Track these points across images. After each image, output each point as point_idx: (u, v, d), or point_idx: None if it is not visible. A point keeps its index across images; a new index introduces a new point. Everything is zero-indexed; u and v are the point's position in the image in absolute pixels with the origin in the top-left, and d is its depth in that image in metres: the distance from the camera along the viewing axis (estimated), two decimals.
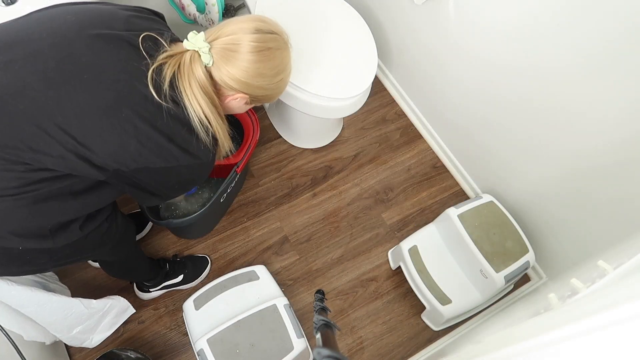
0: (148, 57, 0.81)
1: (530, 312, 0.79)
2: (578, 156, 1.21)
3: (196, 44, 0.83)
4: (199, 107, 0.83)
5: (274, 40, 0.89)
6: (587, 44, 1.05)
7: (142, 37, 0.82)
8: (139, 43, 0.81)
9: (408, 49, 1.71)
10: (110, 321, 1.23)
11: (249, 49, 0.84)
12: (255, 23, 0.88)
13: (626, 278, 0.46)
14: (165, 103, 0.80)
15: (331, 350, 0.57)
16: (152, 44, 0.84)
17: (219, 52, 0.84)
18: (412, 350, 1.47)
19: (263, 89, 0.91)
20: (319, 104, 1.39)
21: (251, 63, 0.85)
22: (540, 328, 0.40)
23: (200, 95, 0.83)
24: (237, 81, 0.86)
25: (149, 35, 0.83)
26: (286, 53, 0.93)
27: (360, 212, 1.67)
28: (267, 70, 0.88)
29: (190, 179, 0.94)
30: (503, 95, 1.36)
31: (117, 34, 0.81)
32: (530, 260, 1.38)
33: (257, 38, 0.85)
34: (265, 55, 0.86)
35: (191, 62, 0.83)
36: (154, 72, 0.80)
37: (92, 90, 0.76)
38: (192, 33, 0.84)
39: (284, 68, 0.94)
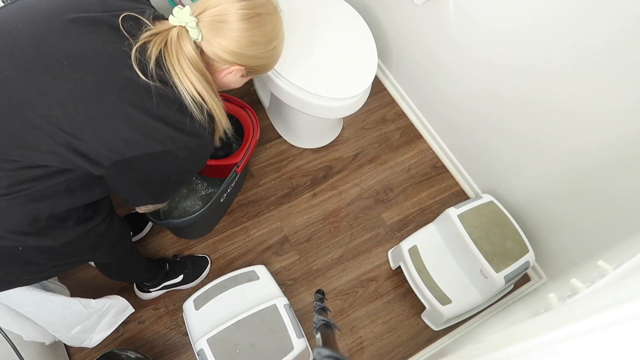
0: (130, 37, 0.77)
1: (530, 312, 0.79)
2: (578, 155, 1.21)
3: (182, 19, 0.79)
4: (190, 84, 0.79)
5: (262, 5, 0.85)
6: (587, 43, 1.05)
7: (122, 17, 0.78)
8: (118, 24, 0.78)
9: (408, 49, 1.71)
10: (110, 320, 1.23)
11: (238, 17, 0.81)
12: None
13: (626, 278, 0.46)
14: (152, 82, 0.76)
15: (331, 350, 0.57)
16: (134, 24, 0.80)
17: (207, 25, 0.81)
18: (412, 350, 1.47)
19: (258, 58, 0.87)
20: (318, 104, 1.39)
21: (242, 32, 0.82)
22: (540, 328, 0.40)
23: (191, 72, 0.80)
24: (230, 53, 0.83)
25: (129, 15, 0.80)
26: (277, 18, 0.89)
27: (360, 212, 1.67)
28: (260, 38, 0.85)
29: (189, 165, 0.90)
30: (503, 95, 1.36)
31: (94, 16, 0.78)
32: (530, 260, 1.38)
33: (245, 5, 0.81)
34: (256, 22, 0.83)
35: (179, 39, 0.79)
36: (137, 52, 0.76)
37: (72, 76, 0.74)
38: (178, 8, 0.81)
39: (277, 34, 0.90)
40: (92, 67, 0.74)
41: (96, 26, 0.77)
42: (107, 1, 0.82)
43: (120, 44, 0.77)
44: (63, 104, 0.73)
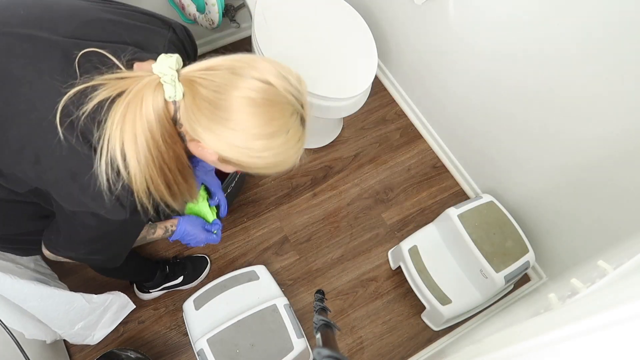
0: (80, 75, 0.65)
1: (530, 312, 0.79)
2: (578, 155, 1.21)
3: (160, 69, 0.63)
4: (118, 145, 0.63)
5: (267, 93, 0.65)
6: (587, 42, 1.05)
7: (85, 52, 0.67)
8: (75, 57, 0.66)
9: (408, 49, 1.71)
10: (112, 317, 1.23)
11: (231, 95, 0.63)
12: (253, 69, 0.65)
13: (626, 278, 0.46)
14: (68, 135, 0.65)
15: (331, 350, 0.57)
16: (98, 62, 0.67)
17: (190, 87, 0.64)
18: (412, 350, 1.47)
19: (236, 152, 0.67)
20: (318, 104, 1.39)
21: (226, 112, 0.63)
22: (540, 328, 0.40)
23: (132, 132, 0.63)
24: (203, 131, 0.65)
25: (96, 52, 0.67)
26: (279, 115, 0.65)
27: (360, 212, 1.67)
28: (243, 128, 0.64)
29: (109, 236, 0.77)
30: (503, 95, 1.36)
31: (54, 39, 0.68)
32: (530, 260, 1.38)
33: (248, 85, 0.64)
34: (246, 107, 0.63)
35: (144, 89, 0.63)
36: (76, 94, 0.64)
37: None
38: (164, 55, 0.65)
39: (272, 135, 0.66)
40: (9, 97, 0.67)
41: (48, 52, 0.68)
42: (91, 24, 0.72)
43: (61, 79, 0.66)
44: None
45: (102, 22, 0.74)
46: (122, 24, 0.75)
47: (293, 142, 0.69)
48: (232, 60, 0.66)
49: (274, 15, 1.48)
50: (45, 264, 1.34)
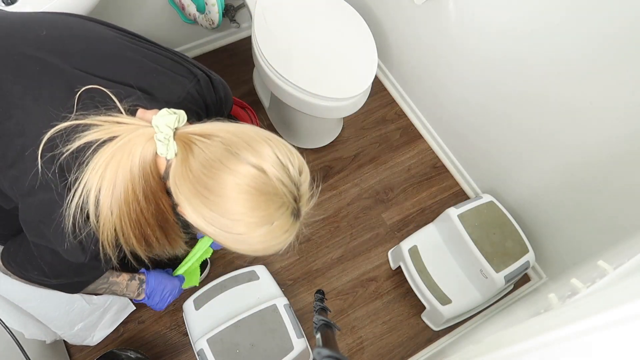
0: (77, 110, 0.62)
1: (530, 312, 0.79)
2: (578, 155, 1.21)
3: (157, 124, 0.59)
4: (95, 190, 0.59)
5: (257, 181, 0.59)
6: (588, 41, 1.05)
7: (87, 88, 0.63)
8: (78, 91, 0.63)
9: (408, 49, 1.71)
10: (111, 318, 1.23)
11: (218, 175, 0.58)
12: (252, 152, 0.59)
13: (626, 278, 0.46)
14: (42, 164, 0.61)
15: (331, 351, 0.57)
16: (99, 101, 0.63)
17: (183, 149, 0.59)
18: (412, 350, 1.47)
19: (212, 229, 0.62)
20: (318, 104, 1.39)
21: (207, 190, 0.58)
22: (540, 328, 0.40)
23: (112, 178, 0.59)
24: (180, 198, 0.60)
25: (100, 90, 0.64)
26: (265, 206, 0.60)
27: (360, 212, 1.67)
28: (222, 212, 0.59)
29: (55, 269, 0.73)
30: (503, 95, 1.36)
31: (63, 68, 0.65)
32: (530, 260, 1.38)
33: (239, 170, 0.58)
34: (231, 192, 0.58)
35: (137, 138, 0.59)
36: (66, 129, 0.60)
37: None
38: (167, 110, 0.61)
39: (254, 225, 0.60)
40: (3, 114, 0.65)
41: (53, 81, 0.65)
42: (106, 58, 0.68)
43: (57, 109, 0.62)
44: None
45: (119, 60, 0.70)
46: (141, 66, 0.72)
47: (278, 233, 0.62)
48: (234, 134, 0.60)
49: (274, 15, 1.48)
50: None
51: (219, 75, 0.89)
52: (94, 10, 1.19)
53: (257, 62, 1.47)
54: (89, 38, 0.71)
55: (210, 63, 1.93)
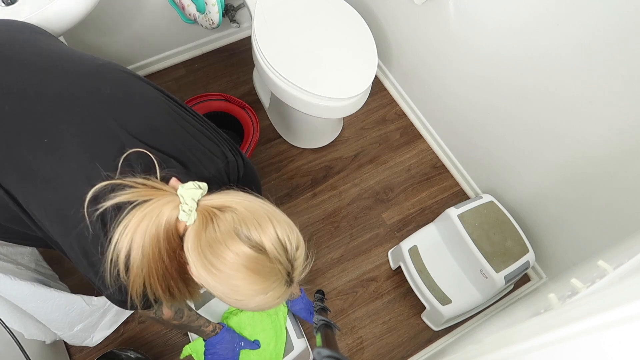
0: (120, 169, 0.69)
1: (530, 312, 0.79)
2: (578, 154, 1.21)
3: (183, 196, 0.67)
4: (125, 247, 0.65)
5: (257, 262, 0.66)
6: (589, 39, 1.05)
7: (137, 152, 0.71)
8: (124, 152, 0.70)
9: (408, 49, 1.71)
10: (111, 319, 1.23)
11: (224, 253, 0.65)
12: (256, 231, 0.66)
13: (626, 279, 0.46)
14: (89, 219, 0.67)
15: (331, 350, 0.57)
16: (140, 164, 0.71)
17: (202, 220, 0.66)
18: (412, 350, 1.47)
19: (212, 288, 0.69)
20: (318, 104, 1.39)
21: (210, 265, 0.66)
22: (540, 328, 0.40)
23: (141, 238, 0.65)
24: (191, 262, 0.67)
25: (148, 156, 0.71)
26: (261, 280, 0.67)
27: (360, 212, 1.67)
28: (222, 283, 0.67)
29: None
30: (503, 94, 1.36)
31: (120, 132, 0.73)
32: (530, 260, 1.38)
33: (241, 251, 0.65)
34: (233, 270, 0.65)
35: (164, 204, 0.66)
36: (107, 186, 0.67)
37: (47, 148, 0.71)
38: (193, 184, 0.69)
39: (251, 294, 0.68)
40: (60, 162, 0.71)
41: (106, 141, 0.72)
42: (157, 129, 0.76)
43: (103, 165, 0.69)
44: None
45: (168, 132, 0.77)
46: (184, 141, 0.79)
47: (271, 299, 0.70)
48: (246, 208, 0.68)
49: (274, 15, 1.48)
50: (46, 264, 1.34)
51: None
52: (95, 10, 1.19)
53: (257, 61, 1.47)
54: (144, 106, 0.79)
55: (210, 63, 1.93)
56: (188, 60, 1.93)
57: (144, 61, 1.85)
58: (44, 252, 1.40)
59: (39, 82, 0.75)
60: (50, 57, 0.80)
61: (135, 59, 1.83)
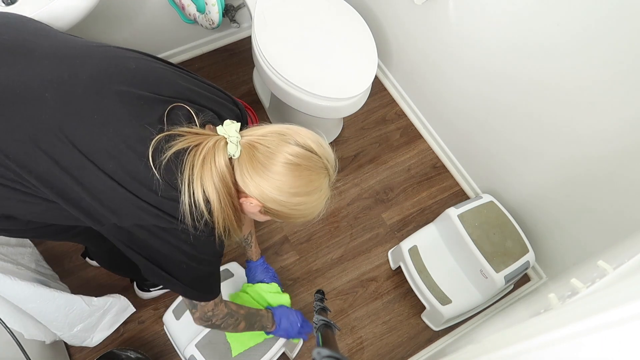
0: (168, 124, 0.77)
1: (530, 312, 0.79)
2: (578, 155, 1.21)
3: (227, 132, 0.77)
4: (200, 190, 0.75)
5: (310, 159, 0.78)
6: (588, 41, 1.05)
7: (176, 105, 0.79)
8: (167, 108, 0.79)
9: (408, 49, 1.71)
10: (111, 320, 1.22)
11: (280, 159, 0.75)
12: (299, 136, 0.78)
13: (626, 279, 0.46)
14: (155, 171, 0.74)
15: (331, 351, 0.57)
16: (182, 116, 0.80)
17: (247, 148, 0.76)
18: (412, 350, 1.47)
19: (278, 204, 0.79)
20: (318, 104, 1.39)
21: (276, 174, 0.76)
22: (540, 328, 0.40)
23: (210, 180, 0.75)
24: (253, 185, 0.77)
25: (183, 107, 0.80)
26: (316, 177, 0.79)
27: (360, 212, 1.67)
28: (288, 187, 0.77)
29: (195, 254, 0.85)
30: (503, 94, 1.36)
31: (159, 98, 0.80)
32: (530, 260, 1.38)
33: (295, 152, 0.76)
34: (292, 171, 0.76)
35: (215, 147, 0.76)
36: (162, 139, 0.75)
37: (93, 127, 0.76)
38: (229, 120, 0.79)
39: (308, 192, 0.79)
40: (113, 129, 0.76)
41: (151, 108, 0.79)
42: (185, 90, 0.83)
43: (151, 124, 0.76)
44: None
45: (192, 91, 0.85)
46: (207, 96, 0.88)
47: (324, 197, 0.82)
48: (281, 127, 0.79)
49: (274, 15, 1.48)
50: (46, 264, 1.34)
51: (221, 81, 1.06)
52: (96, 9, 1.20)
53: (257, 62, 1.47)
54: (167, 75, 0.85)
55: (210, 63, 1.93)
56: (188, 60, 1.93)
57: None
58: (44, 252, 1.40)
59: (69, 66, 0.78)
60: (69, 44, 0.84)
61: None
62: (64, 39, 0.86)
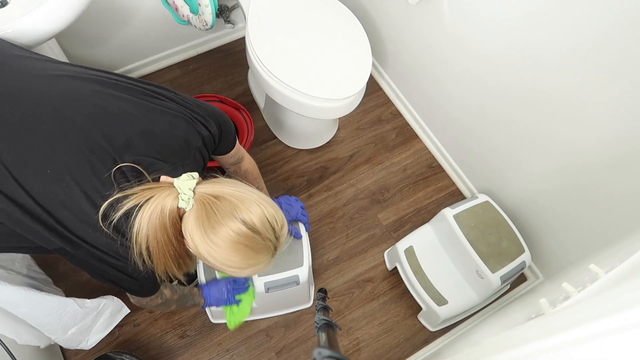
0: (117, 183, 0.79)
1: (525, 314, 0.79)
2: (574, 154, 1.21)
3: (182, 188, 0.78)
4: (144, 241, 0.78)
5: (252, 239, 0.79)
6: (584, 37, 1.04)
7: (120, 167, 0.79)
8: (115, 167, 0.79)
9: (403, 49, 1.70)
10: (105, 321, 1.22)
11: (222, 233, 0.77)
12: (248, 213, 0.79)
13: (616, 285, 0.46)
14: (107, 230, 0.78)
15: (332, 351, 0.56)
16: (131, 174, 0.80)
17: (199, 205, 0.78)
18: (409, 351, 1.47)
19: (211, 262, 0.82)
20: (313, 105, 1.39)
21: (214, 244, 0.78)
22: (526, 337, 0.39)
23: (153, 230, 0.78)
24: (192, 242, 0.79)
25: (133, 167, 0.80)
26: (254, 255, 0.81)
27: (356, 213, 1.67)
28: (222, 257, 0.80)
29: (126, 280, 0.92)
30: (499, 94, 1.35)
31: (108, 150, 0.80)
32: (527, 260, 1.38)
33: (238, 229, 0.77)
34: (230, 247, 0.78)
35: (165, 197, 0.77)
36: (112, 202, 0.77)
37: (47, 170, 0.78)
38: (186, 175, 0.80)
39: (243, 267, 0.82)
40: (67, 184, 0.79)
41: (102, 157, 0.80)
42: (141, 134, 0.83)
43: (102, 182, 0.79)
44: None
45: (150, 136, 0.84)
46: (160, 138, 0.86)
47: (261, 268, 0.85)
48: (238, 192, 0.80)
49: (268, 16, 1.47)
50: (39, 268, 1.33)
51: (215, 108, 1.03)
52: (88, 11, 1.19)
53: (251, 63, 1.46)
54: (119, 118, 0.84)
55: (205, 64, 1.92)
56: (182, 62, 1.92)
57: (138, 62, 1.84)
58: (37, 257, 1.39)
59: (24, 113, 0.79)
60: (25, 80, 0.84)
61: (129, 60, 1.82)
62: (19, 70, 0.85)
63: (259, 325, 1.46)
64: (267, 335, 1.45)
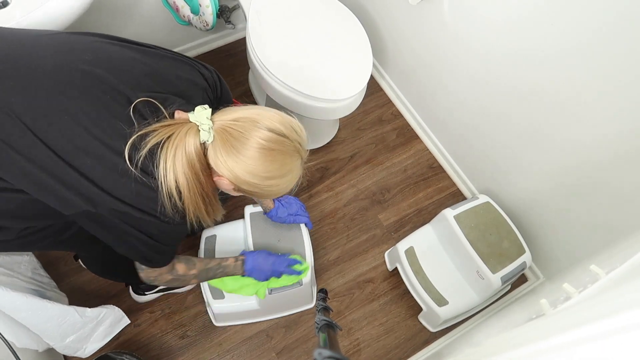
0: (135, 120, 0.78)
1: (526, 315, 0.79)
2: (575, 154, 1.21)
3: (198, 118, 0.79)
4: (173, 181, 0.78)
5: (282, 143, 0.81)
6: (583, 36, 1.04)
7: (140, 101, 0.79)
8: (133, 104, 0.79)
9: (404, 49, 1.70)
10: (105, 331, 1.21)
11: (253, 144, 0.78)
12: (270, 121, 0.80)
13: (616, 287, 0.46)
14: (134, 170, 0.77)
15: (332, 351, 0.56)
16: (148, 111, 0.80)
17: (220, 134, 0.79)
18: (409, 351, 1.46)
19: (250, 185, 0.83)
20: (314, 106, 1.39)
21: (249, 159, 0.79)
22: (527, 338, 0.39)
23: (181, 170, 0.78)
24: (226, 169, 0.80)
25: (149, 101, 0.80)
26: (290, 161, 0.83)
27: (357, 213, 1.67)
28: (261, 171, 0.80)
29: (159, 237, 0.89)
30: (499, 96, 1.35)
31: (122, 88, 0.80)
32: (527, 261, 1.38)
33: (268, 137, 0.79)
34: (264, 155, 0.79)
35: (186, 135, 0.78)
36: (136, 138, 0.76)
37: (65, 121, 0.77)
38: (200, 107, 0.80)
39: (282, 175, 0.84)
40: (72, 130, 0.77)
41: (115, 98, 0.80)
42: (144, 80, 0.83)
43: (122, 122, 0.78)
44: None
45: (156, 77, 0.86)
46: (170, 81, 0.89)
47: (296, 177, 0.87)
48: (252, 111, 0.81)
49: (269, 17, 1.47)
50: (43, 271, 1.33)
51: None
52: (88, 11, 1.19)
53: (251, 63, 1.46)
54: (127, 60, 0.86)
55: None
56: None
57: None
58: (40, 257, 1.39)
59: (28, 63, 0.79)
60: (22, 40, 0.84)
61: None
62: (17, 37, 0.85)
63: (259, 325, 1.46)
64: (268, 336, 1.45)
